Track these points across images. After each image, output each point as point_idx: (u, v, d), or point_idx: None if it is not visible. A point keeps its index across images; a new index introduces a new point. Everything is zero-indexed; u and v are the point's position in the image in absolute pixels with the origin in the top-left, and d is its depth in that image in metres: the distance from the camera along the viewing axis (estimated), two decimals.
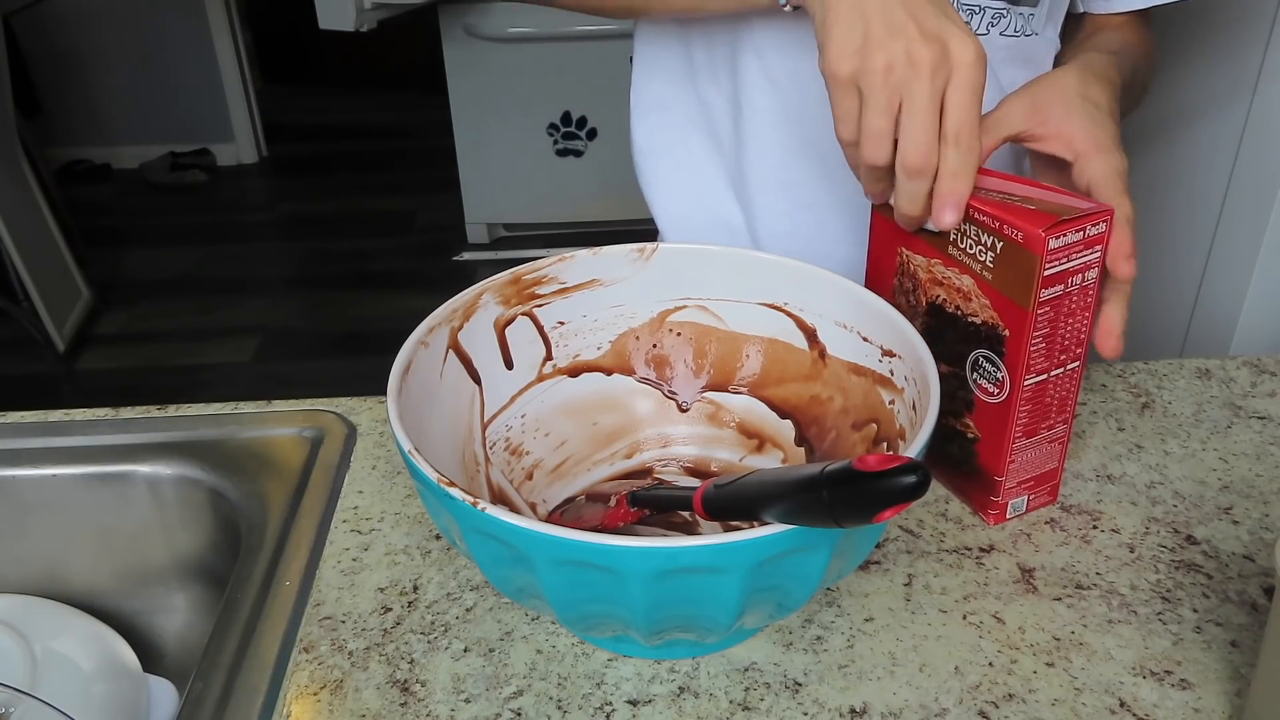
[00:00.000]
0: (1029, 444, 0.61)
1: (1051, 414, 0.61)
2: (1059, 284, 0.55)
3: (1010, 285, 0.56)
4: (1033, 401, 0.59)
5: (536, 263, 0.64)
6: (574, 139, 2.88)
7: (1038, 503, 0.65)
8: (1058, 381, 0.59)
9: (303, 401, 0.77)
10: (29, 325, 2.52)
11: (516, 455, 0.64)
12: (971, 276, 0.58)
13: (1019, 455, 0.61)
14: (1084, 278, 0.56)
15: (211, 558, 0.73)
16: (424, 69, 3.38)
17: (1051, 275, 0.54)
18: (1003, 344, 0.58)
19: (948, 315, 0.61)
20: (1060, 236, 0.53)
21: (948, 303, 0.61)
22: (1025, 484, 0.63)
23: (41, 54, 3.38)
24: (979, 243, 0.56)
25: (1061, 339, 0.58)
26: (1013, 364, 0.58)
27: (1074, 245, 0.54)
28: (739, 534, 0.44)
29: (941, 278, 0.60)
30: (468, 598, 0.60)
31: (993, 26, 0.73)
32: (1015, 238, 0.54)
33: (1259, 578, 0.60)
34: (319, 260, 3.10)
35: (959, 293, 0.59)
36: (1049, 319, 0.56)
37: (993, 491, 0.63)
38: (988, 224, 0.55)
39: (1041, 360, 0.58)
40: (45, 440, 0.73)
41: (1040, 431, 0.61)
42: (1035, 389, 0.59)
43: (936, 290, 0.61)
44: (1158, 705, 0.53)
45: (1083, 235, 0.54)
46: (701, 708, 0.53)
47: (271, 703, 0.54)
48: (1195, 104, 1.25)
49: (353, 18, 2.30)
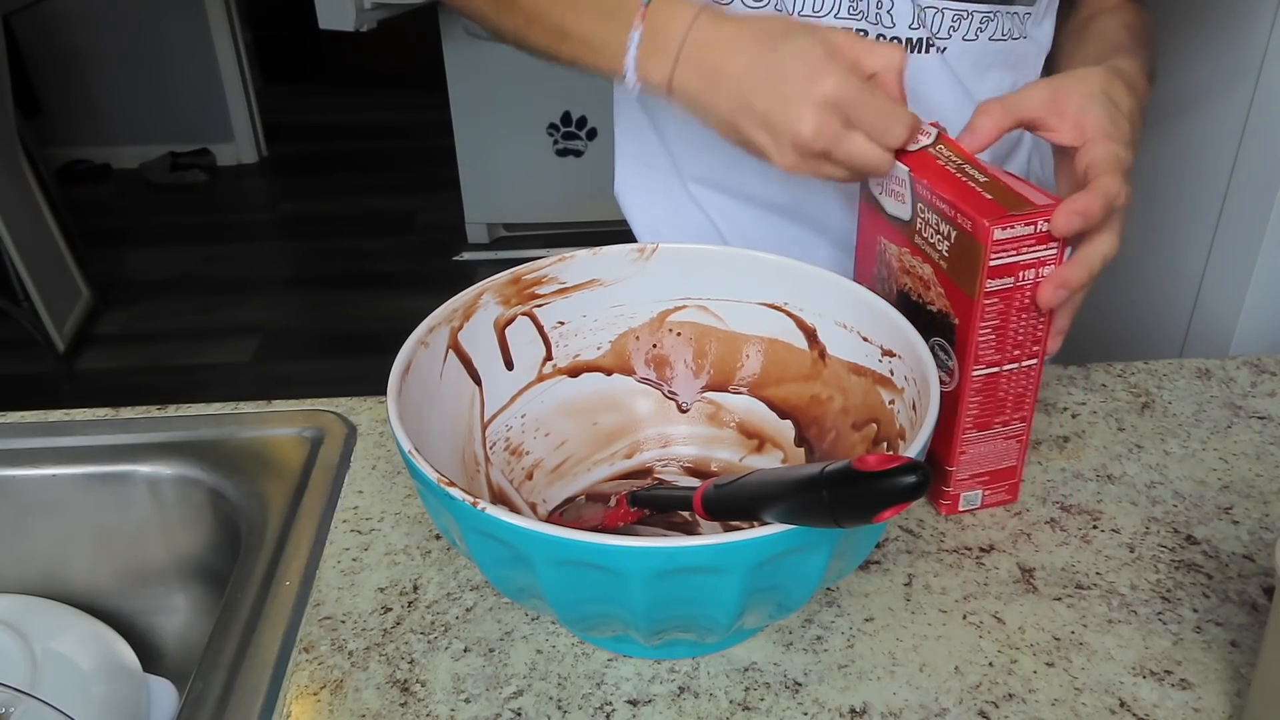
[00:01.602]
0: (981, 437, 0.62)
1: (1006, 409, 0.61)
2: (1007, 276, 0.55)
3: (961, 274, 0.56)
4: (983, 393, 0.60)
5: (536, 263, 0.64)
6: (574, 139, 2.88)
7: (994, 500, 0.65)
8: (1011, 377, 0.60)
9: (303, 401, 0.77)
10: (29, 325, 2.52)
11: (516, 455, 0.64)
12: (931, 265, 0.59)
13: (970, 447, 0.62)
14: (1038, 273, 0.56)
15: (211, 558, 0.73)
16: (424, 69, 3.37)
17: (999, 266, 0.55)
18: (954, 332, 0.58)
19: (912, 304, 0.61)
20: (1008, 228, 0.54)
21: (912, 291, 0.62)
22: (979, 478, 0.64)
23: (41, 54, 3.38)
24: (938, 231, 0.57)
25: (1014, 333, 0.58)
26: (962, 352, 0.58)
27: (1023, 239, 0.54)
28: (739, 534, 0.44)
29: (909, 266, 0.61)
30: (468, 598, 0.60)
31: (981, 31, 0.71)
32: (965, 226, 0.55)
33: (1259, 578, 0.60)
34: (319, 260, 3.10)
35: (920, 281, 0.60)
36: (998, 310, 0.57)
37: (944, 481, 0.63)
38: (945, 211, 0.56)
39: (992, 352, 0.58)
40: (45, 440, 0.73)
41: (994, 426, 0.62)
42: (986, 381, 0.59)
43: (905, 279, 0.62)
44: (1158, 705, 0.53)
45: (1033, 229, 0.54)
46: (701, 708, 0.53)
47: (271, 703, 0.54)
48: (1194, 102, 1.25)
49: (353, 18, 2.30)
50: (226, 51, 3.51)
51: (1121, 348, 1.42)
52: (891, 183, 0.60)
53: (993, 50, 0.73)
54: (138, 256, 3.09)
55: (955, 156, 0.58)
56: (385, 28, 2.44)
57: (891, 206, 0.61)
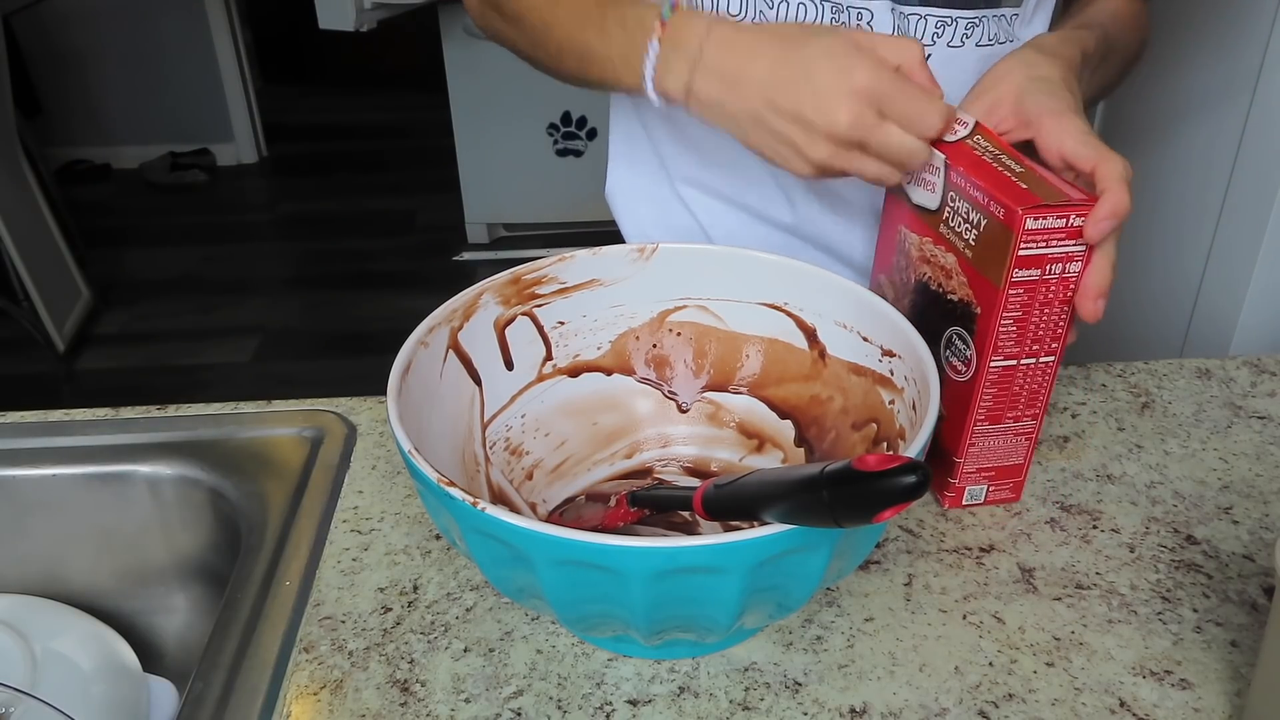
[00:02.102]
0: (992, 430, 0.62)
1: (1019, 404, 0.61)
2: (1035, 268, 0.55)
3: (987, 263, 0.56)
4: (999, 385, 0.60)
5: (536, 263, 0.64)
6: (574, 139, 2.88)
7: (997, 497, 0.65)
8: (1028, 372, 0.60)
9: (303, 401, 0.77)
10: (29, 325, 2.52)
11: (516, 455, 0.64)
12: (955, 254, 0.59)
13: (980, 440, 0.62)
14: (1065, 268, 0.56)
15: (211, 558, 0.73)
16: (424, 69, 3.37)
17: (1027, 256, 0.55)
18: (974, 321, 0.58)
19: (931, 293, 0.61)
20: (1040, 219, 0.54)
21: (931, 280, 0.61)
22: (985, 473, 0.64)
23: (41, 54, 3.38)
24: (967, 220, 0.57)
25: (1035, 327, 0.58)
26: (981, 342, 0.58)
27: (1054, 231, 0.54)
28: (739, 534, 0.44)
29: (929, 255, 0.61)
30: (468, 598, 0.60)
31: (967, 38, 0.70)
32: (997, 214, 0.55)
33: (1259, 578, 0.60)
34: (319, 260, 3.10)
35: (942, 270, 0.60)
36: (1021, 302, 0.56)
37: (950, 473, 0.63)
38: (978, 199, 0.56)
39: (1011, 344, 0.58)
40: (45, 440, 0.73)
41: (1005, 420, 0.61)
42: (1002, 373, 0.59)
43: (924, 268, 0.62)
44: (1158, 705, 0.53)
45: (1065, 223, 0.54)
46: (701, 708, 0.53)
47: (271, 703, 0.54)
48: (1194, 105, 1.25)
49: (353, 18, 2.30)
50: (226, 51, 3.51)
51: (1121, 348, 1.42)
52: (923, 171, 0.60)
53: (980, 56, 0.71)
54: (138, 256, 3.09)
55: (993, 147, 0.58)
56: (385, 28, 2.44)
57: (919, 196, 0.61)
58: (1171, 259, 1.29)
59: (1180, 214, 1.27)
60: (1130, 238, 0.60)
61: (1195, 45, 1.23)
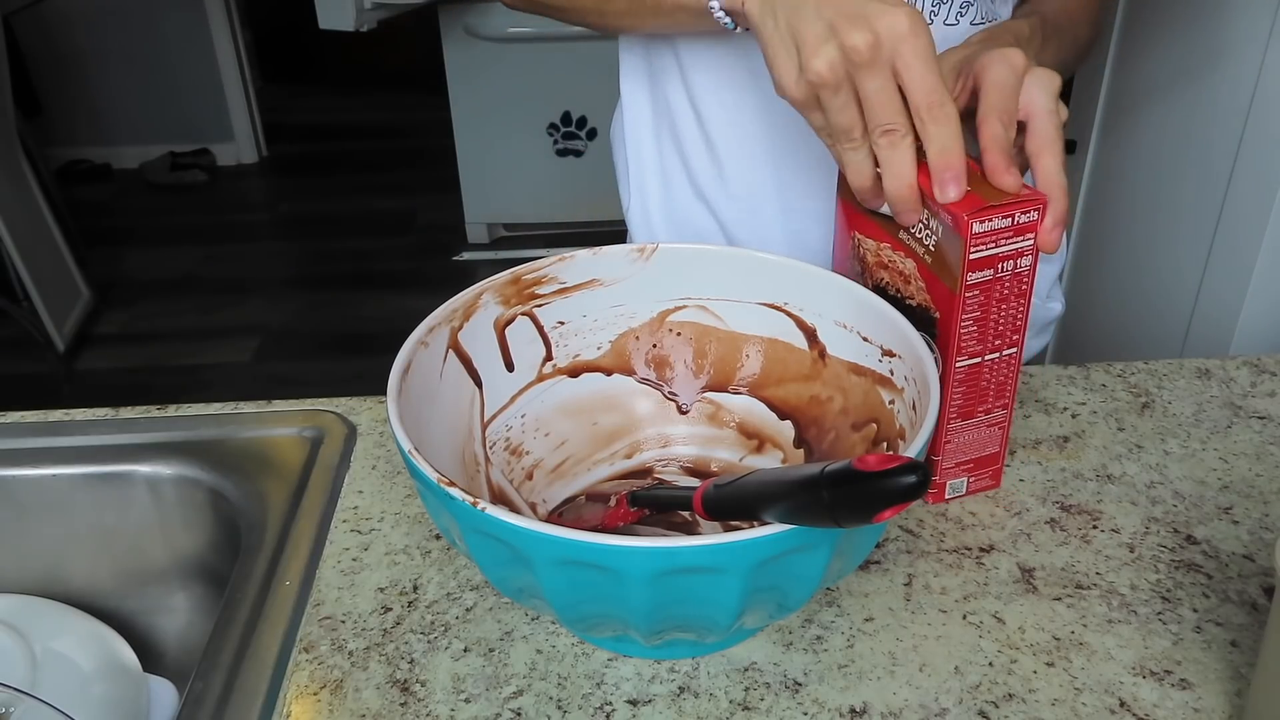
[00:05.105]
0: (965, 426, 0.62)
1: (989, 398, 0.62)
2: (987, 268, 0.56)
3: (943, 269, 0.57)
4: (966, 384, 0.60)
5: (536, 263, 0.64)
6: (574, 139, 2.88)
7: (979, 486, 0.66)
8: (993, 366, 0.60)
9: (303, 401, 0.77)
10: (29, 325, 2.52)
11: (516, 455, 0.64)
12: (915, 260, 0.59)
13: (955, 436, 0.63)
14: (1016, 264, 0.56)
15: (211, 558, 0.73)
16: (424, 69, 3.37)
17: (978, 259, 0.55)
18: (935, 325, 0.59)
19: (889, 298, 0.62)
20: (986, 220, 0.54)
21: (890, 285, 0.62)
22: (964, 465, 0.64)
23: (41, 54, 3.38)
24: (926, 227, 0.57)
25: (995, 324, 0.58)
26: (944, 346, 0.59)
27: (1001, 231, 0.55)
28: (739, 534, 0.44)
29: (887, 261, 0.62)
30: (468, 598, 0.60)
31: (962, 16, 0.72)
32: (948, 221, 0.55)
33: (1259, 578, 0.60)
34: (319, 260, 3.10)
35: (900, 276, 0.61)
36: (979, 303, 0.57)
37: (931, 471, 0.63)
38: (933, 206, 0.56)
39: (974, 344, 0.59)
40: (45, 440, 0.73)
41: (977, 415, 0.62)
42: (969, 371, 0.60)
43: (881, 273, 0.63)
44: (1158, 705, 0.53)
45: (1011, 222, 0.55)
46: (701, 708, 0.53)
47: (271, 703, 0.54)
48: (1195, 107, 1.25)
49: (353, 18, 2.30)
50: (226, 51, 3.51)
51: (1121, 348, 1.42)
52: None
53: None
54: (138, 256, 3.09)
55: None
56: (385, 28, 2.44)
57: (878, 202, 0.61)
58: (1171, 259, 1.29)
59: (1180, 214, 1.27)
60: (1130, 237, 0.60)
61: (1196, 44, 1.23)
